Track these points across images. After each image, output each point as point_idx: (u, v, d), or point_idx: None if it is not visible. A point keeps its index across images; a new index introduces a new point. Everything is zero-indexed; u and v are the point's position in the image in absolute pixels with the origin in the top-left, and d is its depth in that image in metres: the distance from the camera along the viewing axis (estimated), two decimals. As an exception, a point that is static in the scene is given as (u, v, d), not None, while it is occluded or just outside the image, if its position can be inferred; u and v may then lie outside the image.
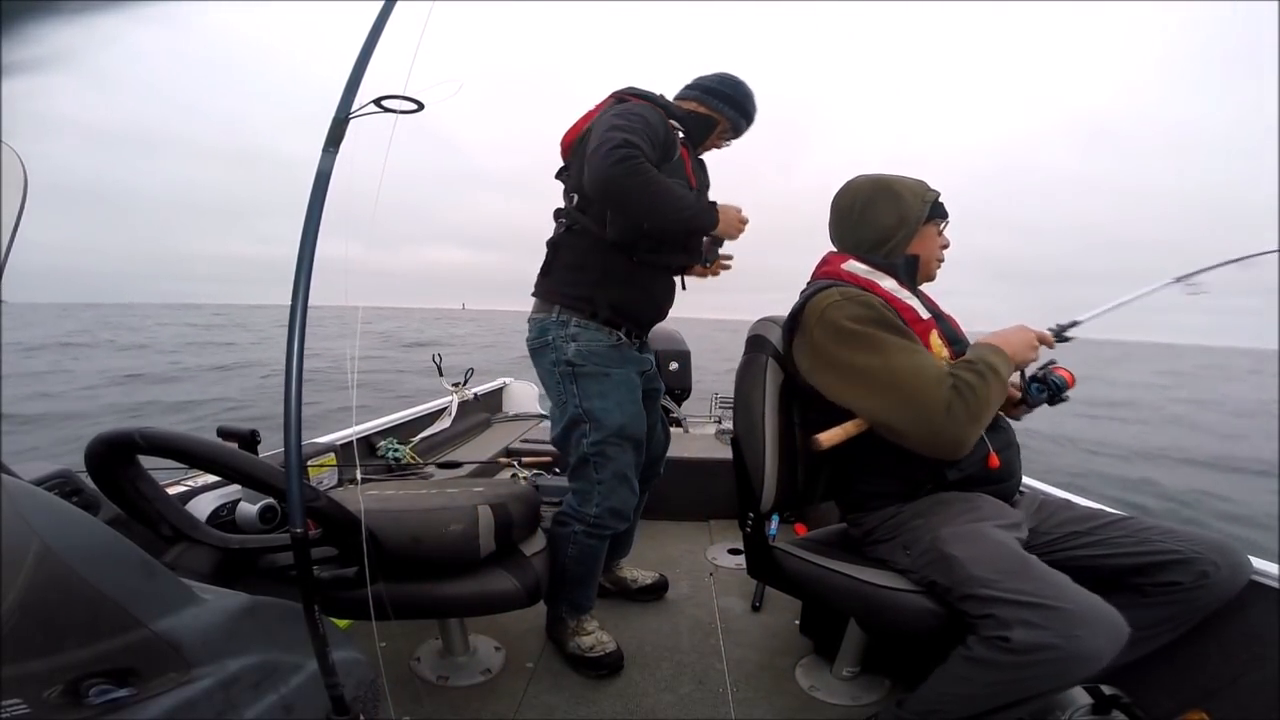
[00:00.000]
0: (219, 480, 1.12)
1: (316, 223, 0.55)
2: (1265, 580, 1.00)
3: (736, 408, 1.19)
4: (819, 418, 1.06)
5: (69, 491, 0.90)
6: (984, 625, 0.82)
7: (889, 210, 1.10)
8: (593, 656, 1.27)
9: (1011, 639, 0.77)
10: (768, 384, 1.13)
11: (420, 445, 2.14)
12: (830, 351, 1.01)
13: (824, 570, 1.07)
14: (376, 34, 0.60)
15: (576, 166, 1.21)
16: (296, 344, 0.55)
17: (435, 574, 1.04)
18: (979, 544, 0.90)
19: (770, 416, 1.12)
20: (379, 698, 0.70)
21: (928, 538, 0.96)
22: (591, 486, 1.24)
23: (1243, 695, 0.97)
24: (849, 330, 0.98)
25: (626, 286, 1.24)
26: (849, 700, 1.21)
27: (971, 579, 0.85)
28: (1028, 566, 0.86)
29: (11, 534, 0.42)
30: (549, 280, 1.27)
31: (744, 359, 1.20)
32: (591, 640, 1.29)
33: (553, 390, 1.26)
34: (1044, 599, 0.79)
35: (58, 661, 0.43)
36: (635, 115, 1.12)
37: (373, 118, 0.57)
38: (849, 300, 1.01)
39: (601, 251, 1.22)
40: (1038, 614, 0.78)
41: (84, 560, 0.46)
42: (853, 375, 0.98)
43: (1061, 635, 0.76)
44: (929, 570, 0.94)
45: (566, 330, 1.21)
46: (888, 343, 0.97)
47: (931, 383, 0.93)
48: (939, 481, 1.04)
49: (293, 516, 0.56)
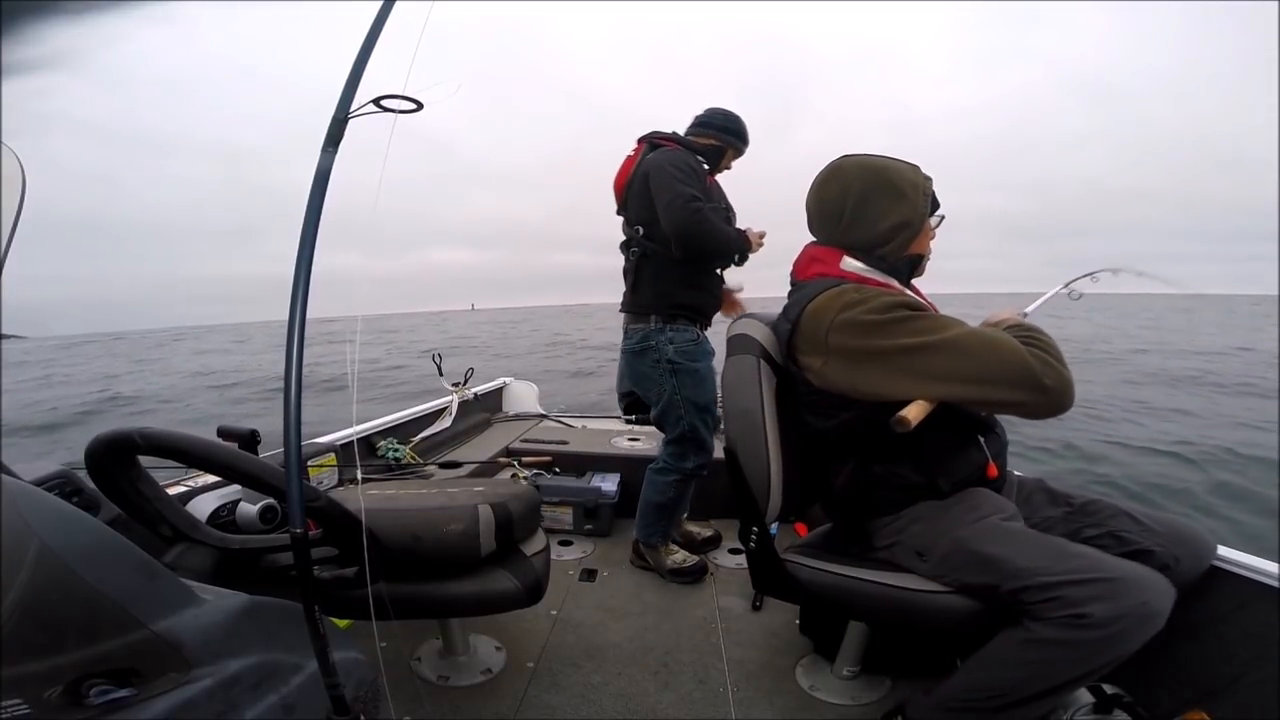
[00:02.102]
0: (219, 480, 1.12)
1: (316, 221, 0.55)
2: (1265, 580, 1.00)
3: (729, 415, 1.13)
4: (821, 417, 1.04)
5: (69, 491, 0.90)
6: (1048, 608, 0.82)
7: (889, 210, 1.01)
8: (685, 568, 1.71)
9: (1092, 614, 0.79)
10: (764, 388, 1.09)
11: (420, 445, 2.14)
12: (872, 345, 0.91)
13: (846, 579, 1.03)
14: (376, 34, 0.60)
15: (633, 205, 1.59)
16: (296, 344, 0.55)
17: (435, 574, 1.03)
18: (1010, 538, 0.91)
19: (772, 423, 1.08)
20: (379, 698, 0.70)
21: (944, 543, 0.95)
22: (686, 448, 1.63)
23: (1243, 695, 0.97)
24: (888, 318, 0.90)
25: (695, 290, 1.61)
26: (849, 700, 1.21)
27: (1022, 571, 0.85)
28: (1067, 548, 0.88)
29: (11, 534, 0.42)
30: (640, 297, 1.62)
31: (730, 361, 1.15)
32: (681, 557, 1.74)
33: (653, 382, 1.62)
34: (1104, 573, 0.82)
35: (58, 662, 0.43)
36: (686, 168, 1.49)
37: (372, 118, 0.57)
38: (869, 295, 0.94)
39: (672, 267, 1.56)
40: (1105, 588, 0.80)
41: (84, 560, 0.46)
42: (915, 356, 0.89)
43: (1135, 601, 0.79)
44: (962, 573, 0.93)
45: (664, 335, 1.58)
46: (935, 317, 0.91)
47: (1001, 340, 0.87)
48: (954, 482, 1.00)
49: (293, 516, 0.55)
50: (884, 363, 0.91)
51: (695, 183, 1.48)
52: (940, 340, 0.88)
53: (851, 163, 1.05)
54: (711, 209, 1.49)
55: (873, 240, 1.03)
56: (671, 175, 1.47)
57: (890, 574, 1.01)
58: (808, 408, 1.07)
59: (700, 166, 1.56)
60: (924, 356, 0.88)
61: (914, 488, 1.01)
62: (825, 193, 1.06)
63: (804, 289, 1.04)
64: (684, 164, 1.50)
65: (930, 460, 0.99)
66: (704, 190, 1.51)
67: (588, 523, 2.01)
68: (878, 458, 1.01)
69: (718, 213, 1.53)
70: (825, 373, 0.98)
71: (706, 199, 1.49)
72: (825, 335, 0.95)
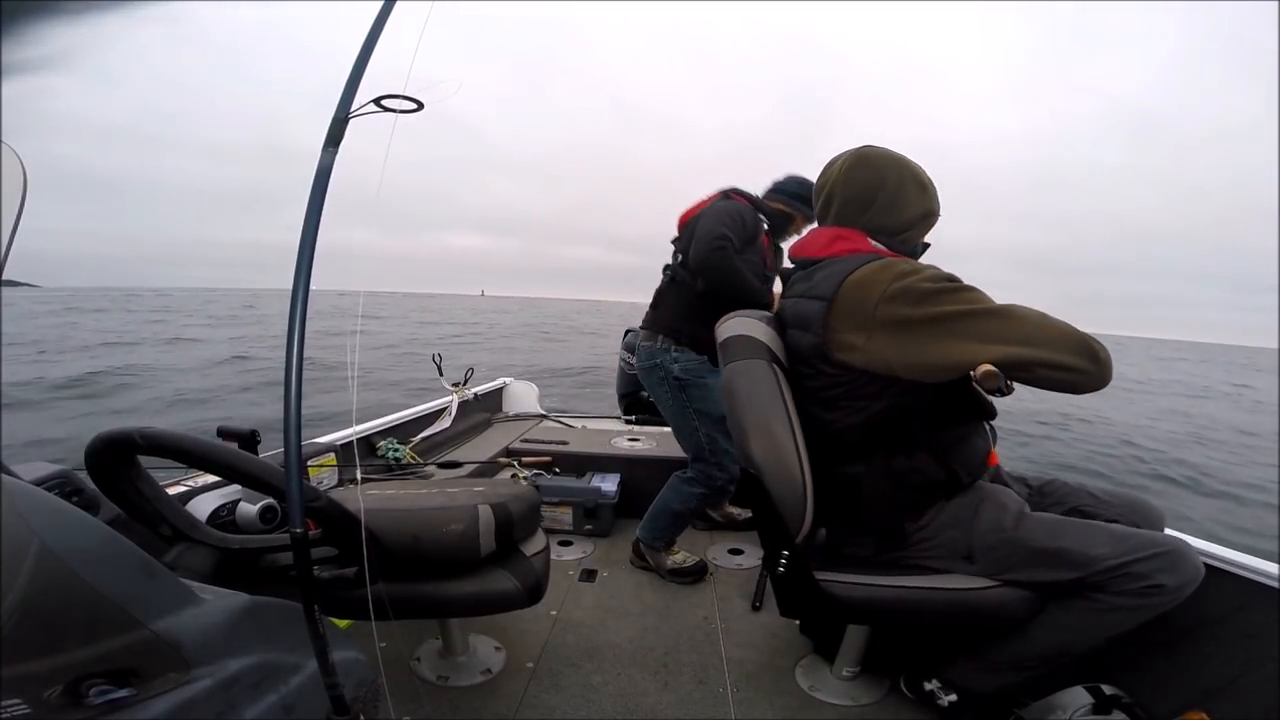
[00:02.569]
0: (219, 480, 1.12)
1: (316, 220, 0.55)
2: (1265, 580, 1.00)
3: (743, 429, 1.02)
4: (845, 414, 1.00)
5: (69, 491, 0.90)
6: (1121, 583, 0.91)
7: (918, 201, 1.06)
8: (686, 567, 1.74)
9: (1165, 584, 0.89)
10: (784, 394, 1.01)
11: (420, 445, 2.14)
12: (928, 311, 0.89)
13: (893, 590, 1.00)
14: (376, 33, 0.60)
15: (686, 237, 1.66)
16: (296, 342, 0.55)
17: (435, 574, 1.03)
18: (1065, 530, 0.97)
19: (800, 433, 0.99)
20: (379, 698, 0.70)
21: (997, 544, 0.98)
22: (707, 461, 1.67)
23: (1243, 695, 0.97)
24: (944, 287, 0.90)
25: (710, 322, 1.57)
26: (849, 700, 1.21)
27: (1092, 558, 0.92)
28: (1113, 530, 0.97)
29: (11, 534, 0.42)
30: (658, 317, 1.72)
31: (733, 368, 1.06)
32: (681, 557, 1.77)
33: (664, 397, 1.71)
34: (1160, 548, 0.92)
35: (58, 662, 0.43)
36: (735, 214, 1.59)
37: (375, 118, 0.57)
38: (920, 266, 0.95)
39: (696, 298, 1.63)
40: (1167, 560, 0.91)
41: (84, 560, 0.46)
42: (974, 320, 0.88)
43: (1192, 569, 0.92)
44: (1026, 570, 0.97)
45: (669, 355, 1.65)
46: (984, 294, 0.91)
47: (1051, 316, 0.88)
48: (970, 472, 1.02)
49: (293, 516, 0.55)
50: (940, 328, 0.89)
51: (738, 230, 1.56)
52: (996, 307, 0.90)
53: (877, 152, 1.07)
54: (743, 260, 1.56)
55: (900, 225, 1.06)
56: (717, 217, 1.57)
57: (933, 578, 1.00)
58: (825, 405, 1.02)
59: (757, 222, 1.66)
60: (982, 320, 0.88)
61: (935, 485, 1.00)
62: (857, 176, 1.06)
63: (834, 264, 1.01)
64: (737, 213, 1.60)
65: (945, 450, 1.00)
66: (745, 240, 1.59)
67: (588, 523, 2.01)
68: (899, 450, 1.00)
69: (750, 265, 1.58)
70: (869, 348, 0.94)
71: (742, 249, 1.57)
72: (875, 306, 0.92)
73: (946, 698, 1.07)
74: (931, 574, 1.02)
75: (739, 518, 2.05)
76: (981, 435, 1.05)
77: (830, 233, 1.08)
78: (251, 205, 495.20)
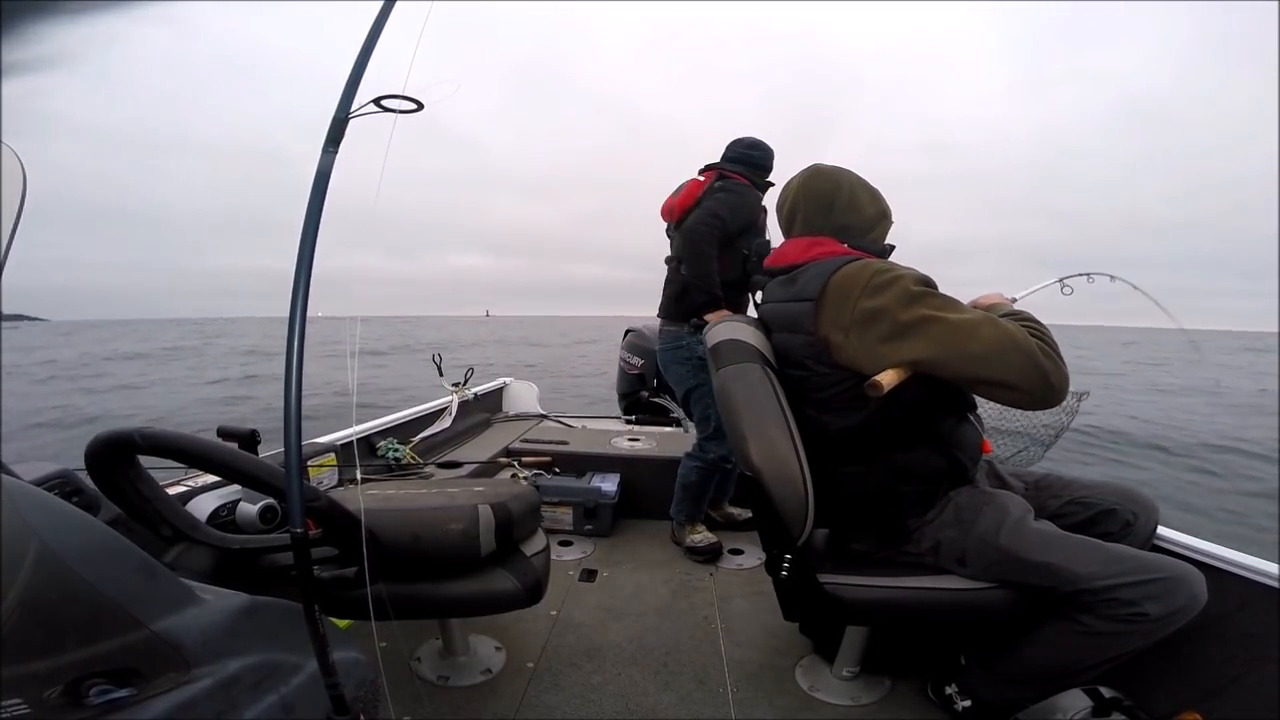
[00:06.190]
0: (219, 480, 1.12)
1: (316, 220, 0.55)
2: (1265, 580, 1.00)
3: (742, 435, 1.01)
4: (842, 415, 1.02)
5: (69, 491, 0.90)
6: (1104, 608, 0.90)
7: (871, 202, 1.13)
8: (700, 546, 1.84)
9: (1148, 613, 0.88)
10: (780, 397, 1.01)
11: (420, 445, 2.14)
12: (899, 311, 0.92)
13: (895, 591, 1.01)
14: (376, 34, 0.60)
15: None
16: (296, 344, 0.55)
17: (435, 574, 1.03)
18: (1056, 544, 0.96)
19: (797, 438, 0.99)
20: (379, 698, 0.70)
21: (988, 551, 0.98)
22: (711, 439, 1.82)
23: (1242, 695, 0.97)
24: (917, 290, 0.93)
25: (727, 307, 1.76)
26: (849, 700, 1.21)
27: (1078, 576, 0.92)
28: (1110, 549, 0.95)
29: (11, 534, 0.42)
30: (680, 306, 1.83)
31: (727, 373, 1.06)
32: (700, 536, 1.87)
33: (683, 375, 1.85)
34: (1153, 574, 0.90)
35: (58, 661, 0.43)
36: (736, 193, 1.73)
37: (375, 119, 0.57)
38: (897, 266, 0.98)
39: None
40: (1157, 587, 0.89)
41: (84, 560, 0.46)
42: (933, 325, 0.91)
43: (1186, 598, 0.89)
44: (1016, 577, 0.97)
45: (694, 338, 1.79)
46: (955, 301, 0.96)
47: (1014, 329, 0.89)
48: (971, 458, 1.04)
49: (293, 516, 0.55)
50: (904, 328, 0.92)
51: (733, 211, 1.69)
52: (959, 319, 0.91)
53: (828, 167, 1.17)
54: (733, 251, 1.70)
55: (862, 223, 1.12)
56: (720, 199, 1.71)
57: (932, 578, 1.01)
58: (820, 406, 1.04)
59: (757, 201, 1.78)
60: (940, 329, 0.91)
61: (939, 473, 1.02)
62: (814, 185, 1.14)
63: (814, 267, 1.05)
64: (738, 192, 1.73)
65: (944, 439, 1.02)
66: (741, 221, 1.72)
67: (588, 523, 2.01)
68: (900, 446, 1.01)
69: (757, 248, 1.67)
70: (845, 346, 0.97)
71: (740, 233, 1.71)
72: (854, 302, 0.95)
73: (961, 703, 1.08)
74: (931, 574, 1.02)
75: (739, 518, 2.06)
76: (971, 424, 1.07)
77: (805, 241, 1.13)
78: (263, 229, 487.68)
